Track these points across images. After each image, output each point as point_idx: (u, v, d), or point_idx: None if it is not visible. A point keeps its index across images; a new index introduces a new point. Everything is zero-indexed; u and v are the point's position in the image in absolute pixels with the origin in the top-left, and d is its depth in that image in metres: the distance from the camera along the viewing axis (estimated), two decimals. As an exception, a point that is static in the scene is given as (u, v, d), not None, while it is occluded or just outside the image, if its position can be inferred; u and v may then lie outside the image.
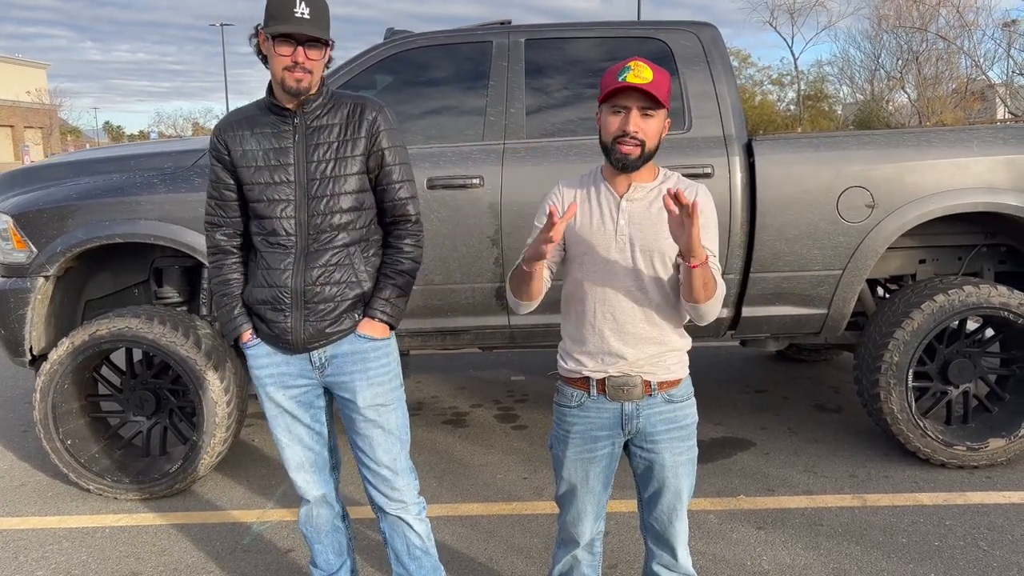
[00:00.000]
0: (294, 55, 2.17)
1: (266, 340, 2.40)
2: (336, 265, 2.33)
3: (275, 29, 2.16)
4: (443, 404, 5.19)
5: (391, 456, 2.45)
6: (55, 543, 3.45)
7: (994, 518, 3.42)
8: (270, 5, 2.19)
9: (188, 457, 3.78)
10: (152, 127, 73.39)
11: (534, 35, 3.94)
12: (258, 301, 2.36)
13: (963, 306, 3.78)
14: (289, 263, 2.32)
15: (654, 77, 1.98)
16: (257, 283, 2.36)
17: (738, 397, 5.16)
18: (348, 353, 2.38)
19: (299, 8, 2.15)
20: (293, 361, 2.39)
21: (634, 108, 2.00)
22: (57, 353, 3.74)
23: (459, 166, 3.80)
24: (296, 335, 2.33)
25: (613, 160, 2.05)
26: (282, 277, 2.32)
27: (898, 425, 3.88)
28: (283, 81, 2.21)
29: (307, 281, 2.31)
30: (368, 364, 2.39)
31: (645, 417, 2.14)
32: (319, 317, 2.33)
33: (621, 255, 2.09)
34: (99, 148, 5.24)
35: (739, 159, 3.78)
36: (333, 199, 2.30)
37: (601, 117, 2.08)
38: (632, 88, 1.98)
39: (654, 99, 2.00)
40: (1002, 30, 30.54)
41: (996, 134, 3.83)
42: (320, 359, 2.38)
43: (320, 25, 2.19)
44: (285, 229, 2.31)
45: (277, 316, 2.33)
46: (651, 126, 2.03)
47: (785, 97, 44.39)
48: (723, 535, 3.36)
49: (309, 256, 2.32)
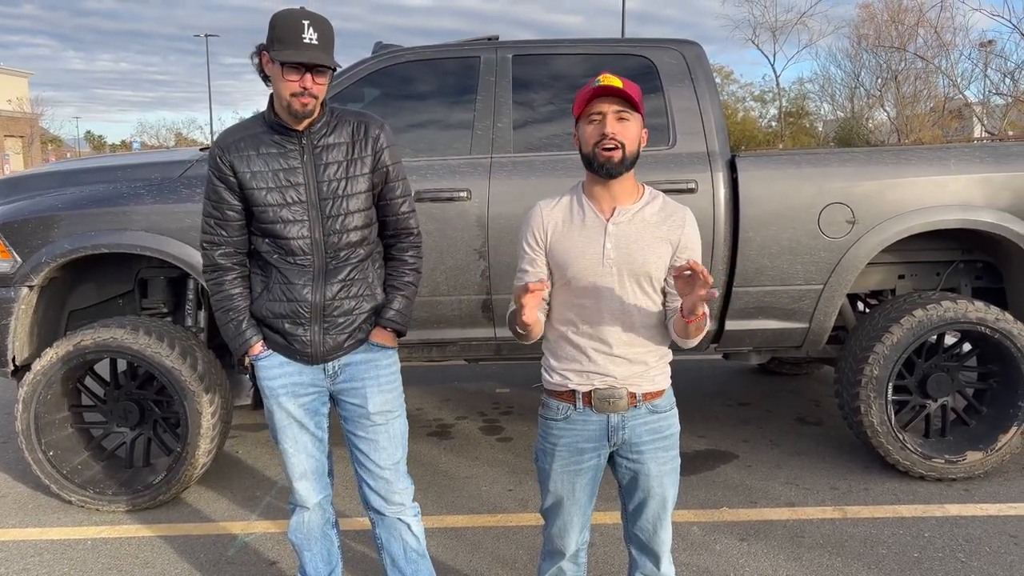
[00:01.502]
0: (302, 81, 2.19)
1: (279, 351, 2.43)
2: (354, 280, 2.40)
3: (285, 56, 2.16)
4: (428, 416, 5.20)
5: (394, 460, 2.51)
6: (36, 555, 3.42)
7: (971, 530, 3.48)
8: (277, 29, 2.18)
9: (172, 468, 3.77)
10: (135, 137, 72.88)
11: (521, 51, 3.99)
12: (275, 314, 2.39)
13: (941, 321, 3.84)
14: (308, 279, 2.36)
15: (624, 84, 2.03)
16: (274, 297, 2.39)
17: (721, 410, 5.20)
18: (361, 361, 2.45)
19: (308, 34, 2.16)
20: (307, 371, 2.44)
21: (609, 113, 2.05)
22: (40, 363, 3.72)
23: (447, 179, 3.83)
24: (316, 348, 2.39)
25: (597, 167, 2.07)
26: (302, 292, 2.36)
27: (878, 438, 3.93)
28: (290, 106, 2.23)
29: (327, 296, 2.37)
30: (380, 371, 2.47)
31: (630, 428, 2.16)
32: (339, 330, 2.40)
33: (607, 278, 2.11)
34: (85, 158, 5.22)
35: (722, 175, 3.84)
36: (348, 217, 2.35)
37: (578, 133, 2.12)
38: (604, 93, 2.02)
39: (627, 101, 2.04)
40: (979, 50, 31.09)
41: (973, 152, 3.91)
42: (334, 368, 2.44)
43: (327, 50, 2.21)
44: (303, 249, 2.34)
45: (296, 329, 2.38)
46: (628, 129, 2.06)
47: (767, 114, 44.92)
48: (707, 547, 3.38)
49: (328, 272, 2.37)
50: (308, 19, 2.17)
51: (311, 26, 2.16)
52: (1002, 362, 3.98)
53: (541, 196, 3.80)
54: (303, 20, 2.17)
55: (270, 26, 2.20)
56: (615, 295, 2.11)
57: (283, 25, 2.17)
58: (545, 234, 2.17)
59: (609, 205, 2.13)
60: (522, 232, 2.22)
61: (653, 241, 2.11)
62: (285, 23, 2.17)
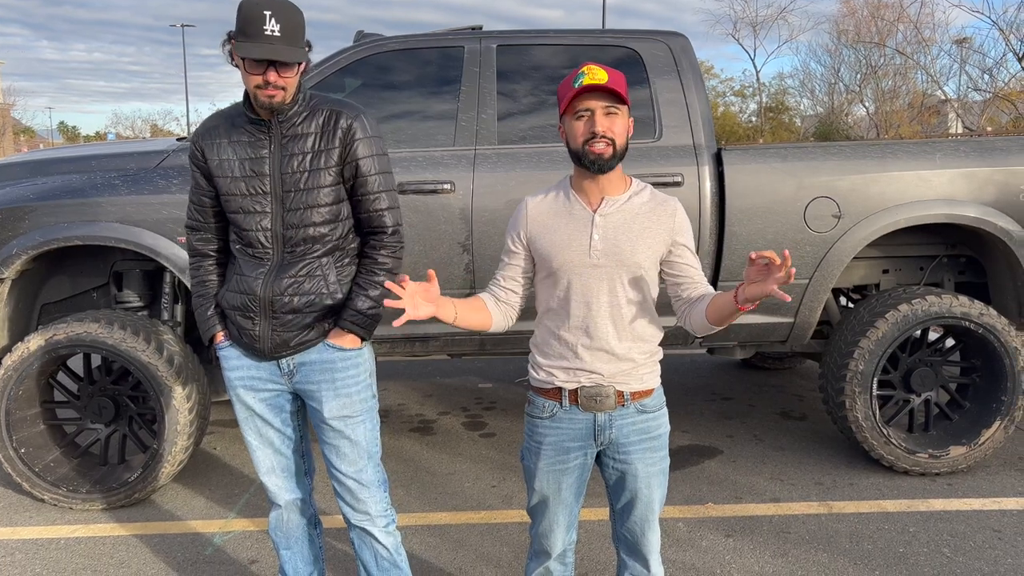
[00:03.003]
0: (265, 75, 2.09)
1: (237, 344, 2.38)
2: (307, 276, 2.29)
3: (244, 51, 2.05)
4: (410, 411, 5.14)
5: (356, 468, 2.40)
6: (7, 555, 3.33)
7: (956, 525, 3.48)
8: (240, 18, 2.07)
9: (148, 466, 3.68)
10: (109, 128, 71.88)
11: (506, 41, 3.93)
12: (230, 306, 2.34)
13: (926, 316, 3.84)
14: (262, 272, 2.28)
15: (610, 76, 1.98)
16: (231, 288, 2.34)
17: (705, 404, 5.19)
18: (316, 362, 2.34)
19: (268, 25, 2.04)
20: (263, 366, 2.37)
21: (597, 109, 2.00)
22: (11, 358, 3.62)
23: (430, 171, 3.76)
24: (264, 343, 2.31)
25: (588, 163, 2.02)
26: (252, 285, 2.28)
27: (863, 433, 3.93)
28: (255, 97, 2.15)
29: (275, 291, 2.27)
30: (336, 375, 2.35)
31: (618, 428, 2.12)
32: (286, 327, 2.30)
33: (595, 271, 2.06)
34: (57, 148, 5.10)
35: (709, 168, 3.80)
36: (307, 211, 2.25)
37: (565, 128, 2.07)
38: (592, 89, 1.97)
39: (615, 96, 1.99)
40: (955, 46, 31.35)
41: (957, 147, 3.90)
42: (288, 366, 2.35)
43: (291, 40, 2.09)
44: (261, 241, 2.27)
45: (246, 323, 2.31)
46: (617, 124, 2.02)
47: (747, 109, 45.09)
48: (692, 543, 3.36)
49: (282, 267, 2.28)
50: (270, 9, 2.04)
51: (272, 16, 2.04)
52: (985, 357, 3.99)
53: (526, 188, 3.77)
54: (264, 11, 2.04)
55: (237, 14, 2.10)
56: (603, 288, 2.07)
57: (245, 16, 2.05)
58: (527, 230, 2.13)
59: (597, 197, 2.09)
60: (510, 223, 2.19)
61: (642, 231, 2.07)
62: (248, 13, 2.05)
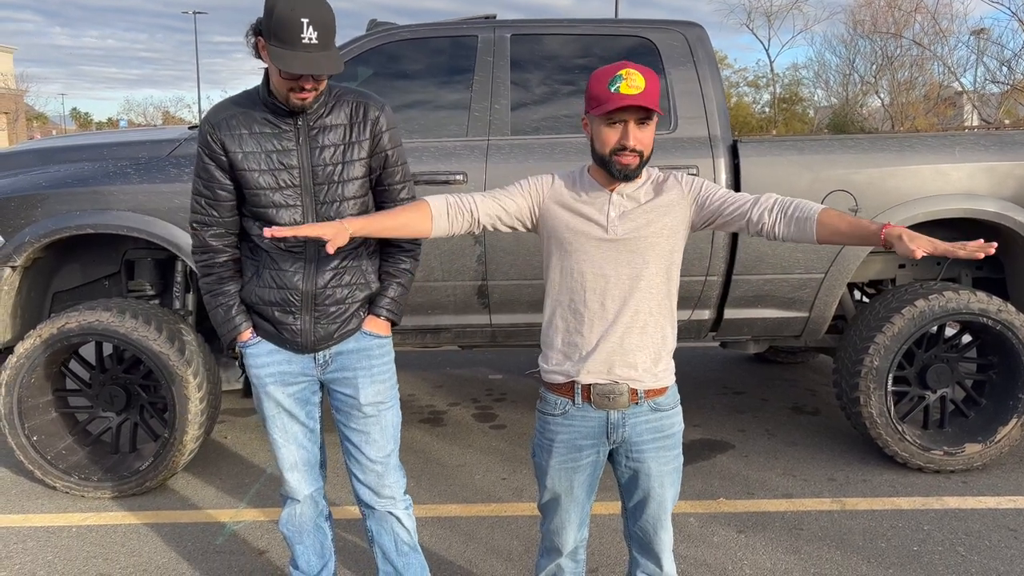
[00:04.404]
0: (300, 81, 2.07)
1: (269, 339, 2.35)
2: (347, 268, 2.30)
3: (283, 63, 2.00)
4: (420, 402, 5.13)
5: (384, 453, 2.43)
6: (19, 543, 3.35)
7: (971, 523, 3.44)
8: (275, 21, 2.00)
9: (159, 454, 3.69)
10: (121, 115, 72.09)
11: (520, 30, 3.88)
12: (265, 301, 2.30)
13: (943, 311, 3.79)
14: (300, 266, 2.27)
15: (647, 85, 1.91)
16: (264, 283, 2.29)
17: (716, 398, 5.16)
18: (353, 350, 2.36)
19: (307, 33, 1.99)
20: (297, 359, 2.36)
21: (631, 120, 1.94)
22: (24, 346, 3.63)
23: (442, 162, 3.73)
24: (306, 337, 2.31)
25: (614, 172, 1.99)
26: (293, 279, 2.27)
27: (877, 429, 3.89)
28: (287, 100, 2.12)
29: (318, 284, 2.27)
30: (372, 361, 2.38)
31: (631, 426, 2.09)
32: (330, 319, 2.31)
33: (611, 255, 2.02)
34: (69, 135, 5.10)
35: (724, 160, 3.76)
36: (343, 203, 2.25)
37: (592, 127, 2.01)
38: (630, 104, 1.89)
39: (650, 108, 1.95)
40: (973, 37, 31.00)
41: (977, 141, 3.84)
42: (325, 356, 2.36)
43: (328, 45, 2.05)
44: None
45: (286, 317, 2.29)
46: (647, 135, 1.98)
47: (760, 99, 44.86)
48: (704, 539, 3.34)
49: (320, 260, 2.27)
50: (307, 16, 2.00)
51: (310, 24, 2.00)
52: (1002, 353, 3.94)
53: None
54: (302, 18, 1.99)
55: (267, 12, 2.03)
56: (619, 275, 2.02)
57: (281, 21, 2.00)
58: (545, 193, 2.09)
59: (614, 184, 2.06)
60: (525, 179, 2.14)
61: (660, 208, 2.04)
62: (284, 18, 1.99)
